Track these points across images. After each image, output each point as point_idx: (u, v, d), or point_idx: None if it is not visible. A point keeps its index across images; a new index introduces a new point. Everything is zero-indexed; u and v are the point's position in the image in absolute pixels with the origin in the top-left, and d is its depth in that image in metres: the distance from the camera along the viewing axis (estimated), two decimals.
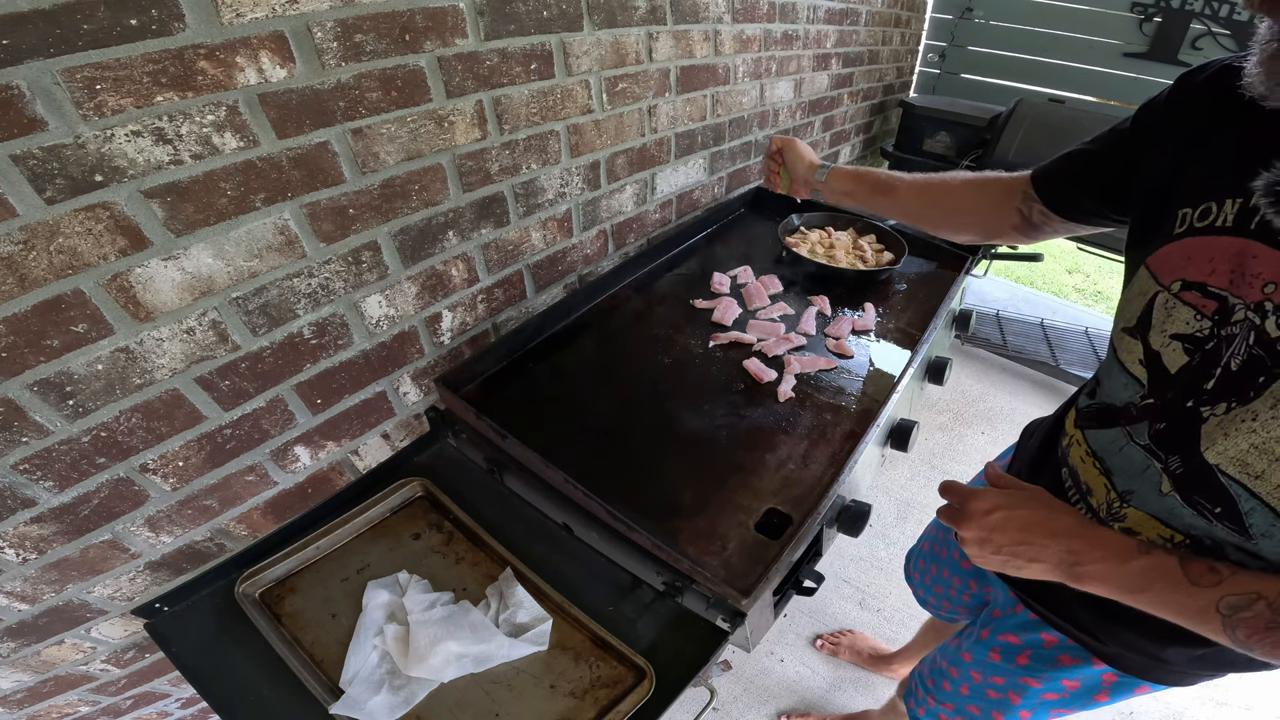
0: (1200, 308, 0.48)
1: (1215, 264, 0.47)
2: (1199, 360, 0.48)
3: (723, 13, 1.35)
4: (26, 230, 0.56)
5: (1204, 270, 0.48)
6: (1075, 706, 0.73)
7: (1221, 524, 0.47)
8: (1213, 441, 0.46)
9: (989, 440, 2.13)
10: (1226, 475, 0.46)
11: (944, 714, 0.88)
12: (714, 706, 1.39)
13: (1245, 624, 0.45)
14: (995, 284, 3.16)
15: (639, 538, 0.77)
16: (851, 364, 1.08)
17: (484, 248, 1.04)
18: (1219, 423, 0.46)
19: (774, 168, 1.06)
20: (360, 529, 0.90)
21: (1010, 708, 0.77)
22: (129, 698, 0.89)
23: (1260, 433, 0.43)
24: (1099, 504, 0.59)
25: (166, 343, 0.70)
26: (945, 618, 1.07)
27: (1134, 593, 0.50)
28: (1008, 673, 0.75)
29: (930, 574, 1.02)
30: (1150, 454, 0.52)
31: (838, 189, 0.96)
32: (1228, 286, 0.46)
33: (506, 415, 0.91)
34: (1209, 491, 0.48)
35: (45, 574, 0.70)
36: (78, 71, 0.55)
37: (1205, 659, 0.58)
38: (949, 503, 0.62)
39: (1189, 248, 0.49)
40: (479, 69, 0.89)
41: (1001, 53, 2.61)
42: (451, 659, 0.72)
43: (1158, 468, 0.52)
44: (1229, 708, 1.43)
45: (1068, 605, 0.65)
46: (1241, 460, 0.45)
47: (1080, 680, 0.69)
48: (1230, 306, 0.46)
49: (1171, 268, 0.50)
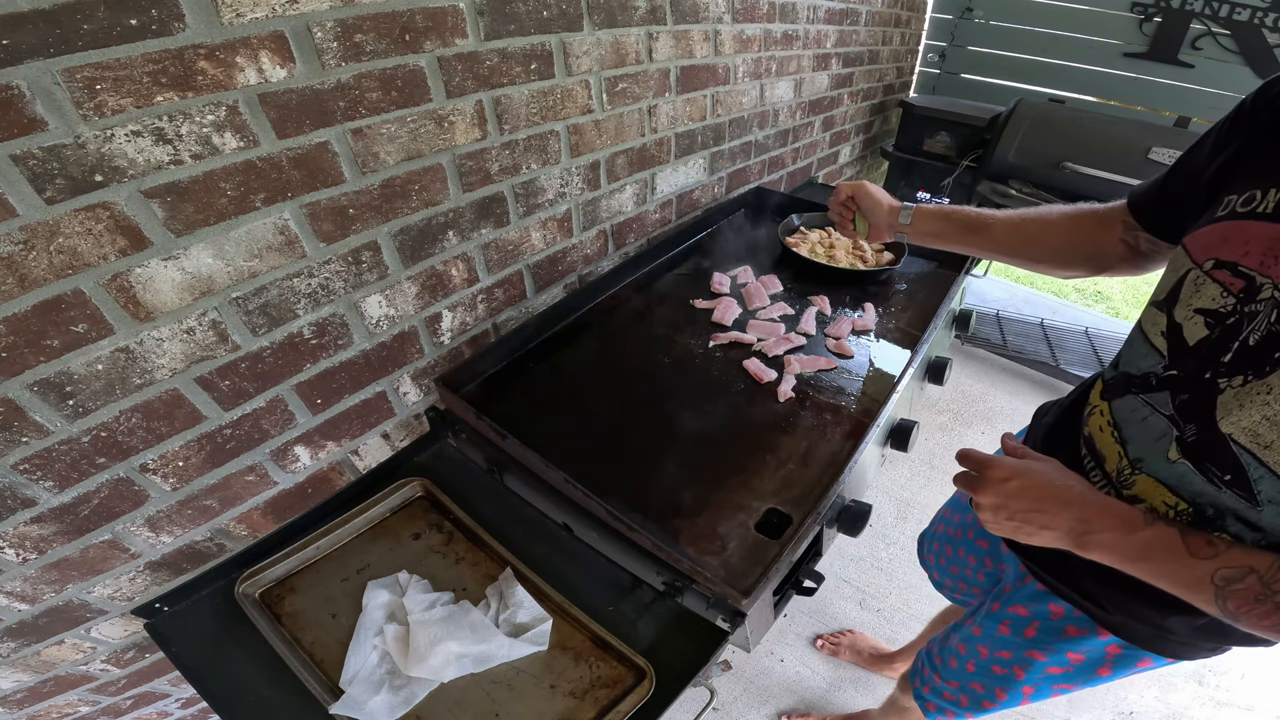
0: (1228, 285, 0.50)
1: (1250, 246, 0.49)
2: (1219, 334, 0.50)
3: (723, 13, 1.35)
4: (26, 230, 0.56)
5: (1238, 251, 0.49)
6: (1078, 680, 0.74)
7: (1231, 490, 0.50)
8: (1228, 412, 0.48)
9: (989, 440, 2.13)
10: (1238, 444, 0.48)
11: (948, 691, 0.89)
12: (714, 706, 1.39)
13: (1235, 595, 0.47)
14: (995, 284, 3.16)
15: (639, 538, 0.77)
16: (851, 364, 1.08)
17: (484, 248, 1.04)
18: (1235, 394, 0.48)
19: (847, 215, 0.99)
20: (360, 529, 0.90)
21: (1014, 683, 0.78)
22: (129, 698, 0.89)
23: (1273, 405, 0.45)
24: (1111, 470, 0.61)
25: (166, 343, 0.70)
26: (960, 600, 1.07)
27: (1136, 562, 0.52)
28: (1015, 646, 0.76)
29: (946, 555, 1.02)
30: (1172, 423, 0.54)
31: (925, 230, 0.90)
32: (1258, 267, 0.48)
33: (506, 415, 0.91)
34: (1221, 460, 0.50)
35: (45, 574, 0.70)
36: (78, 71, 0.55)
37: (1207, 629, 0.60)
38: (966, 470, 0.64)
39: (1227, 230, 0.51)
40: (479, 69, 0.89)
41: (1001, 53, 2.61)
42: (451, 659, 0.72)
43: (1173, 435, 0.54)
44: (1229, 708, 1.43)
45: (1076, 575, 0.66)
46: (1253, 431, 0.47)
47: (1085, 653, 0.71)
48: (1258, 285, 0.48)
49: (1207, 246, 0.52)
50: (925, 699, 0.94)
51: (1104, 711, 1.41)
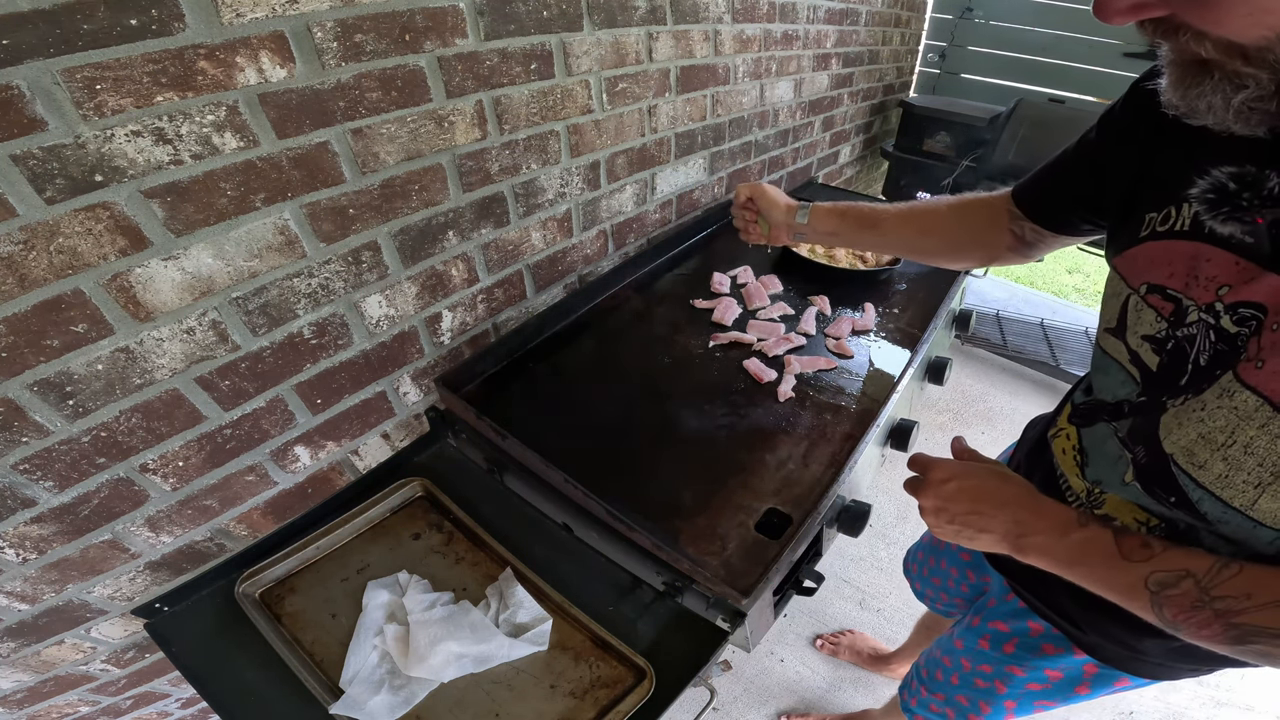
0: (1160, 309, 0.49)
1: (1173, 267, 0.48)
2: (1168, 359, 0.49)
3: (723, 13, 1.35)
4: (26, 230, 0.56)
5: (1164, 273, 0.49)
6: (1058, 698, 0.74)
7: (1179, 511, 0.48)
8: (1169, 432, 0.47)
9: (989, 440, 2.13)
10: (1177, 465, 0.47)
11: (934, 704, 0.89)
12: (714, 706, 1.39)
13: (1171, 602, 0.45)
14: (995, 284, 3.15)
15: (639, 538, 0.77)
16: (851, 364, 1.08)
17: (484, 248, 1.04)
18: (1175, 414, 0.47)
19: (749, 217, 0.97)
20: (360, 529, 0.90)
21: (996, 697, 0.78)
22: (129, 698, 0.89)
23: (1207, 422, 0.44)
24: (1080, 491, 0.60)
25: (166, 343, 0.70)
26: (941, 611, 1.07)
27: (1071, 565, 0.51)
28: (995, 660, 0.76)
29: (929, 566, 1.02)
30: (1124, 445, 0.53)
31: (822, 229, 0.90)
32: (1182, 289, 0.47)
33: (506, 415, 0.91)
34: (1164, 481, 0.48)
35: (45, 574, 0.70)
36: (78, 71, 0.55)
37: (1183, 652, 0.58)
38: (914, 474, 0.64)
39: (1151, 251, 0.50)
40: (479, 69, 0.89)
41: (1001, 53, 2.61)
42: (451, 659, 0.72)
43: (1128, 458, 0.53)
44: (1229, 708, 1.43)
45: (1054, 593, 0.66)
46: (1189, 450, 0.45)
47: (1062, 670, 0.70)
48: (1184, 308, 0.47)
49: (1138, 270, 0.52)
50: (913, 711, 0.94)
51: (1104, 711, 1.41)
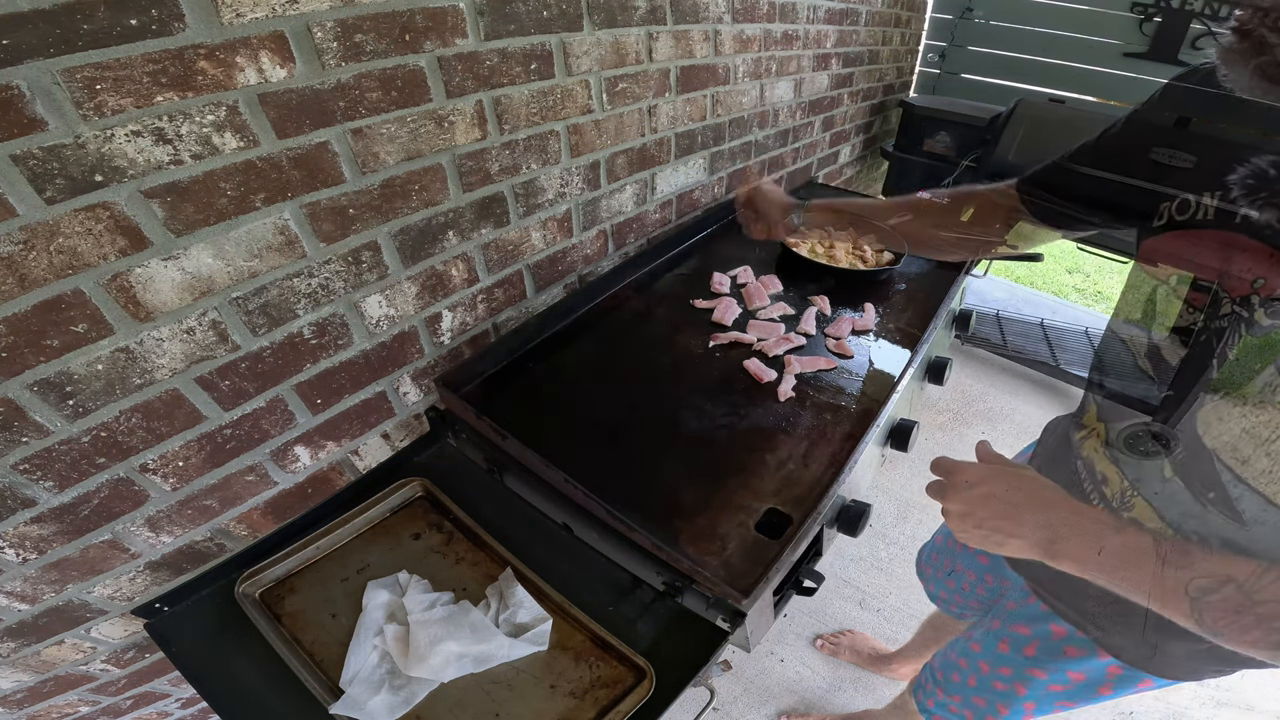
0: (1192, 301, 0.49)
1: (1202, 257, 0.48)
2: (1196, 351, 0.49)
3: (723, 13, 1.35)
4: (26, 230, 0.56)
5: (1194, 265, 0.49)
6: (1079, 699, 0.73)
7: (1216, 509, 0.48)
8: (1208, 426, 0.47)
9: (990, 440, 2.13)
10: (1220, 460, 0.46)
11: (952, 705, 0.88)
12: (714, 706, 1.39)
13: (1213, 608, 0.44)
14: (995, 284, 3.16)
15: (639, 538, 0.77)
16: (851, 364, 1.08)
17: (484, 248, 1.04)
18: (1214, 408, 0.47)
19: (751, 216, 1.02)
20: (360, 529, 0.90)
21: (1016, 699, 0.77)
22: (129, 698, 0.89)
23: (1250, 417, 0.44)
24: (1113, 494, 0.59)
25: (166, 343, 0.70)
26: (955, 613, 1.07)
27: (1108, 571, 0.49)
28: (1015, 664, 0.76)
29: (944, 568, 1.02)
30: (1158, 441, 0.53)
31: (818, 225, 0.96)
32: (1215, 280, 0.47)
33: (507, 415, 0.91)
34: (1205, 476, 0.48)
35: (45, 574, 0.70)
36: (78, 71, 0.55)
37: (1209, 654, 0.58)
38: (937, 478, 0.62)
39: (1173, 242, 0.50)
40: (479, 69, 0.89)
41: (1001, 53, 2.61)
42: (451, 659, 0.72)
43: (1163, 454, 0.52)
44: (1229, 708, 1.43)
45: (1079, 596, 0.65)
46: (1233, 445, 0.45)
47: (1085, 672, 0.70)
48: (1219, 300, 0.47)
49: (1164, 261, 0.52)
50: (931, 712, 0.94)
51: (1104, 711, 1.41)
